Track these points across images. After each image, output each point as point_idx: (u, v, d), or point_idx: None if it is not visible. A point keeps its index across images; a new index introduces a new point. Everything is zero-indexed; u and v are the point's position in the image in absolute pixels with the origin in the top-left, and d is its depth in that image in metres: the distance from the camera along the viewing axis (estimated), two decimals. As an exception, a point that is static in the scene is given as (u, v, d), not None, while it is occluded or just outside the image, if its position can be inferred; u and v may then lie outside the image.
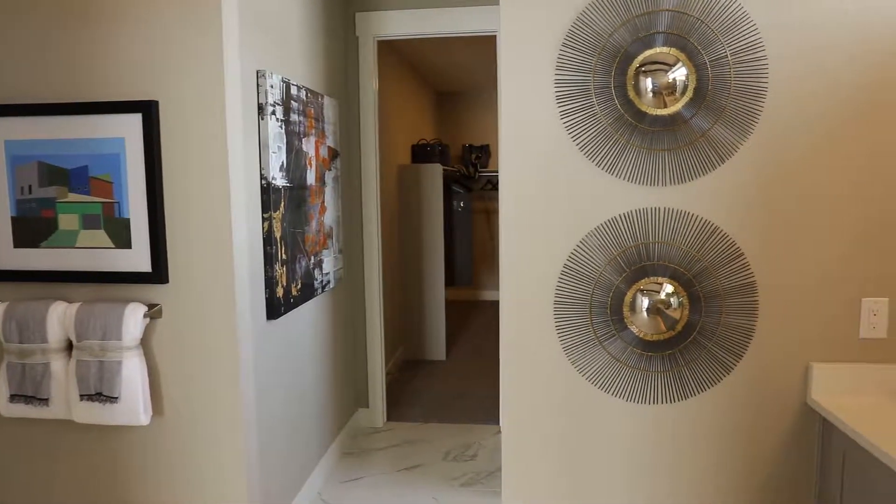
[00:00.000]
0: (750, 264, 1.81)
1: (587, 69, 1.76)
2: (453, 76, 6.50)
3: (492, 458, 3.39)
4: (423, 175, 5.04)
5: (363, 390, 3.83)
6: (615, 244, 1.84)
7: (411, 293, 5.17)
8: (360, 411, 3.83)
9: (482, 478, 3.15)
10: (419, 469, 3.25)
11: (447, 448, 3.51)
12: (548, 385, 1.91)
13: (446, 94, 7.61)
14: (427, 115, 6.75)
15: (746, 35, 1.72)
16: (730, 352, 1.84)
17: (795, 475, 1.87)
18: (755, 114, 1.75)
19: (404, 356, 5.25)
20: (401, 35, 3.52)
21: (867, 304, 1.79)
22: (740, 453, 1.88)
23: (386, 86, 4.66)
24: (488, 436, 3.69)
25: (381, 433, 3.74)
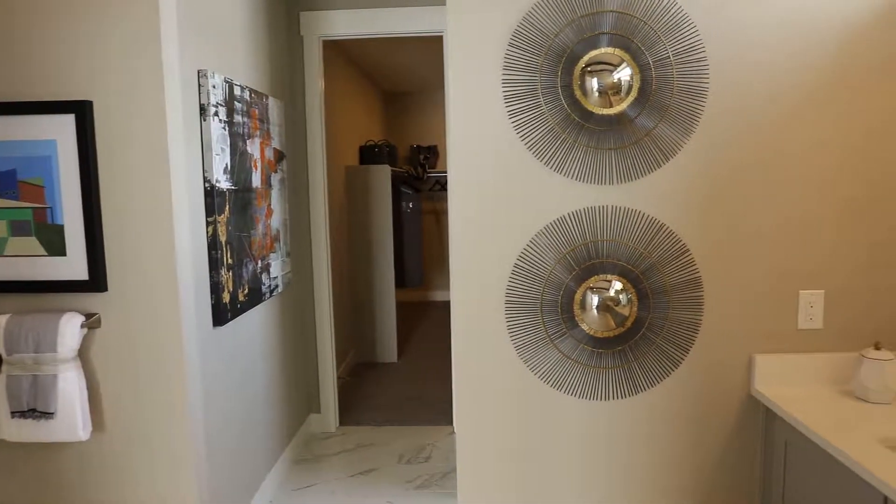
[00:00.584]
0: (695, 260, 1.85)
1: (534, 69, 1.77)
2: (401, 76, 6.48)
3: (446, 459, 3.38)
4: (372, 176, 5.00)
5: (315, 395, 3.77)
6: (565, 243, 1.85)
7: (361, 296, 5.12)
8: (312, 417, 3.77)
9: (437, 479, 3.14)
10: (373, 473, 3.21)
11: (401, 451, 3.48)
12: (501, 384, 1.91)
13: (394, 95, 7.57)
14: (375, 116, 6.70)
15: (687, 36, 1.76)
16: (677, 346, 1.88)
17: (741, 462, 1.92)
18: (697, 113, 1.79)
19: (356, 359, 5.20)
20: (346, 35, 3.48)
21: (804, 297, 1.86)
22: (690, 444, 1.92)
23: (332, 86, 4.60)
24: (442, 437, 3.68)
25: (334, 438, 3.68)
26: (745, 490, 1.93)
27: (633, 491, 1.94)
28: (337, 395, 3.85)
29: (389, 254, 5.06)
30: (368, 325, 5.15)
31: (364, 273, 5.10)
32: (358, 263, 5.09)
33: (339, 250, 4.71)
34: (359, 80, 5.82)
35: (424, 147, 7.44)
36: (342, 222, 4.84)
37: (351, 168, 5.02)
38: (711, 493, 1.94)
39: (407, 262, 6.17)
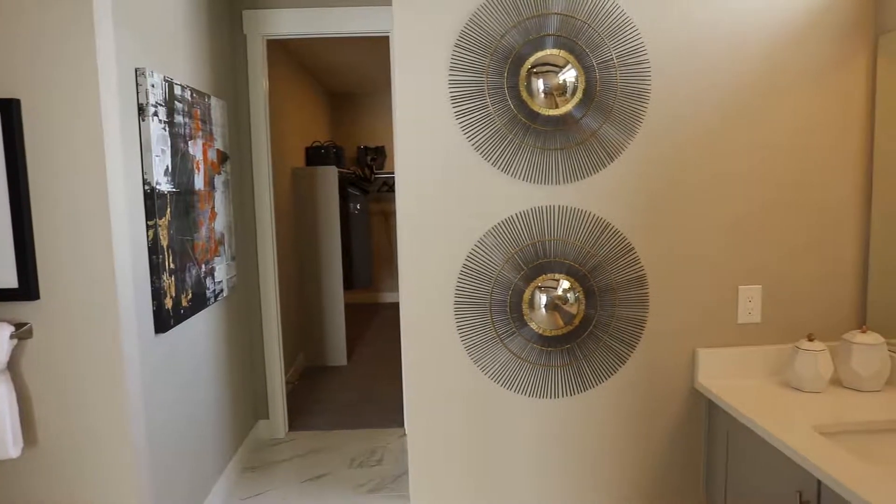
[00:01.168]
0: (640, 259, 1.89)
1: (481, 70, 1.78)
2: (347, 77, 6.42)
3: (398, 461, 3.36)
4: (319, 178, 4.94)
5: (263, 401, 3.70)
6: (513, 243, 1.87)
7: (309, 298, 5.05)
8: (261, 423, 3.69)
9: (389, 482, 3.12)
10: (325, 478, 3.17)
11: (353, 454, 3.45)
12: (451, 385, 1.91)
13: (340, 95, 7.50)
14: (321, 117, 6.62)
15: (630, 39, 1.80)
16: (624, 343, 1.92)
17: (686, 454, 1.98)
18: (640, 114, 1.83)
19: (304, 363, 5.12)
20: (291, 34, 3.43)
21: (744, 292, 1.93)
22: (637, 438, 1.96)
23: (277, 86, 4.53)
24: (394, 439, 3.66)
25: (284, 444, 3.62)
26: (691, 478, 1.99)
27: (586, 486, 1.97)
28: (286, 399, 3.78)
29: (337, 256, 5.01)
30: (317, 327, 5.09)
31: (312, 275, 5.03)
32: (305, 266, 5.02)
33: (286, 253, 4.63)
34: (304, 81, 5.74)
35: (372, 148, 7.39)
36: (289, 225, 4.77)
37: (297, 169, 4.94)
38: (660, 483, 1.98)
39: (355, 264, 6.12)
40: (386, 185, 7.53)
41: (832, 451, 1.41)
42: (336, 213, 4.97)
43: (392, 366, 5.08)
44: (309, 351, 5.12)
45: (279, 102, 4.59)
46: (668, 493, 1.99)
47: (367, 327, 6.41)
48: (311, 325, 5.08)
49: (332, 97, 7.46)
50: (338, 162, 5.50)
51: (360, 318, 6.84)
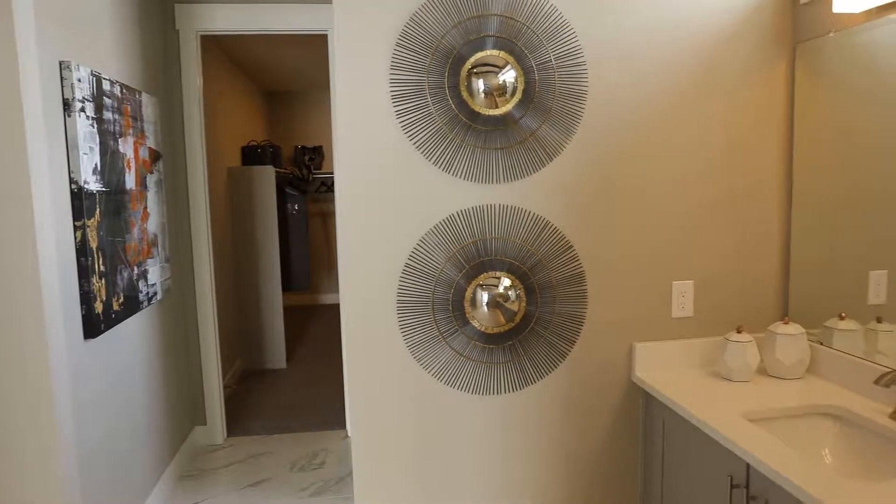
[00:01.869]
0: (579, 256, 1.94)
1: (421, 69, 1.79)
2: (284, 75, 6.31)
3: (341, 464, 3.33)
4: (255, 178, 4.84)
5: (200, 406, 3.60)
6: (454, 241, 1.88)
7: (247, 301, 4.94)
8: (198, 429, 3.59)
9: (332, 485, 3.09)
10: (266, 483, 3.11)
11: (294, 458, 3.40)
12: (395, 385, 1.91)
13: (277, 94, 7.37)
14: (257, 116, 6.49)
15: (568, 42, 1.85)
16: (564, 339, 1.97)
17: (625, 444, 2.04)
18: (578, 115, 1.88)
19: (243, 367, 5.01)
20: (225, 30, 3.35)
21: (677, 287, 2.00)
22: (578, 431, 2.01)
23: (212, 84, 4.41)
24: (336, 441, 3.63)
25: (223, 450, 3.53)
26: (630, 467, 2.05)
27: (529, 480, 2.00)
28: (224, 404, 3.69)
29: (275, 257, 4.92)
30: (255, 330, 4.98)
31: (249, 277, 4.92)
32: (243, 268, 4.91)
33: (223, 255, 4.52)
34: (240, 79, 5.61)
35: (309, 148, 7.29)
36: (225, 225, 4.65)
37: (233, 169, 4.83)
38: (600, 473, 2.04)
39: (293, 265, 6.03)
40: (324, 186, 7.45)
41: (759, 436, 1.48)
42: (273, 214, 4.88)
43: (332, 367, 5.03)
44: (247, 354, 5.01)
45: (214, 100, 4.47)
46: (608, 482, 2.04)
47: (306, 329, 6.32)
48: (249, 328, 4.98)
49: (268, 96, 7.32)
50: (275, 162, 5.40)
51: (298, 321, 6.74)
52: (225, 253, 4.59)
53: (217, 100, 4.60)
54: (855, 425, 1.63)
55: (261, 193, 4.85)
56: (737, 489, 1.49)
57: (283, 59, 5.50)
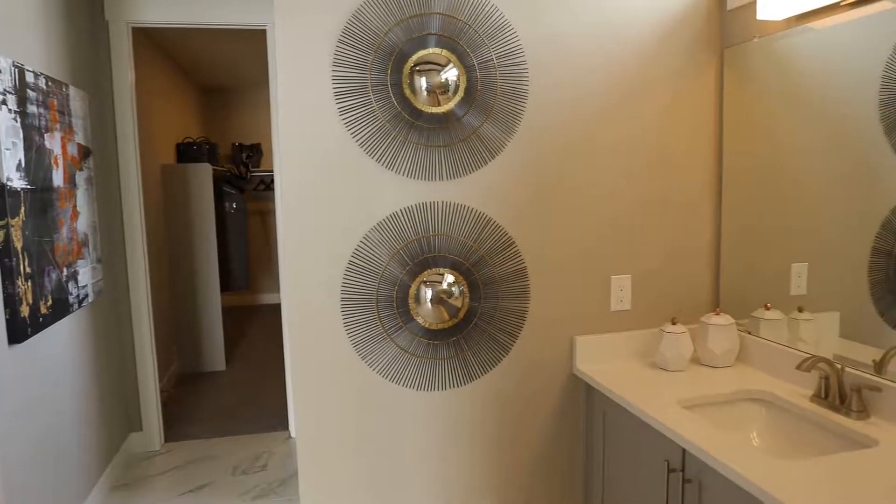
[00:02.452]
0: (520, 252, 1.98)
1: (364, 66, 1.78)
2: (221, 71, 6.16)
3: (284, 465, 3.29)
4: (192, 175, 4.71)
5: (135, 412, 3.48)
6: (398, 238, 1.88)
7: (184, 302, 4.81)
8: (133, 436, 3.48)
9: (275, 487, 3.05)
10: (206, 489, 3.04)
11: (235, 462, 3.33)
12: (340, 383, 1.90)
13: (213, 90, 7.18)
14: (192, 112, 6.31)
15: (509, 41, 1.88)
16: (507, 333, 2.00)
17: (567, 435, 2.09)
18: (519, 113, 1.91)
19: (180, 370, 4.87)
20: (158, 23, 3.25)
21: (615, 282, 2.06)
22: (522, 424, 2.05)
23: (144, 78, 4.26)
24: (279, 443, 3.58)
25: (160, 456, 3.43)
26: (572, 457, 2.10)
27: (475, 474, 2.03)
28: (161, 409, 3.58)
29: (213, 256, 4.81)
30: (192, 332, 4.85)
31: (186, 278, 4.79)
32: (179, 268, 4.78)
33: (158, 254, 4.38)
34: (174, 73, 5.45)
35: (247, 145, 7.14)
36: (160, 225, 4.51)
37: (168, 167, 4.69)
38: (544, 464, 2.08)
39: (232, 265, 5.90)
40: (263, 184, 7.31)
41: (693, 422, 1.55)
42: (211, 213, 4.76)
43: (273, 368, 4.95)
44: (184, 357, 4.87)
45: (147, 95, 4.33)
46: (552, 473, 2.09)
47: (246, 330, 6.19)
48: (186, 330, 4.84)
49: (204, 92, 7.13)
50: (211, 159, 5.27)
51: (238, 321, 6.60)
52: (160, 253, 4.45)
53: (150, 95, 4.45)
54: (780, 409, 1.72)
55: (197, 191, 4.72)
56: (673, 473, 1.56)
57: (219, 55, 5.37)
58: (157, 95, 4.69)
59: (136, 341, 3.42)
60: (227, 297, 7.38)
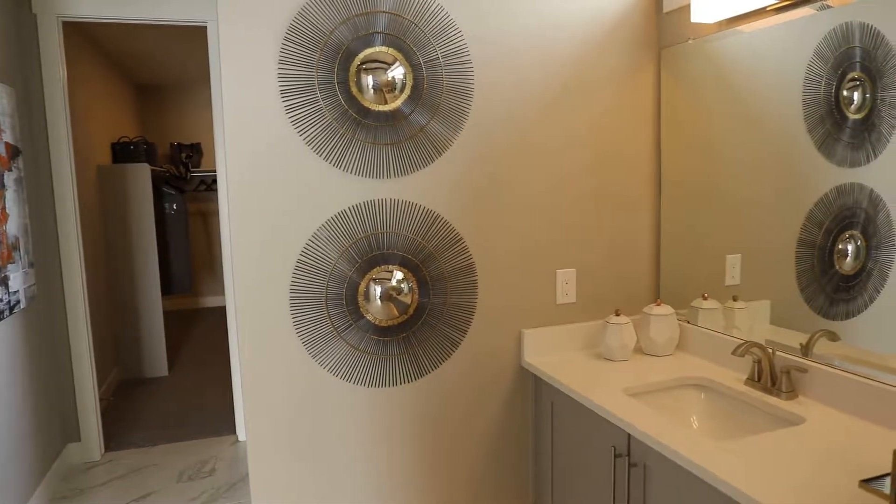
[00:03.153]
0: (468, 247, 2.01)
1: (311, 64, 1.78)
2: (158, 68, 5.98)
3: (231, 470, 3.24)
4: (129, 176, 4.57)
5: (73, 422, 3.36)
6: (346, 236, 1.89)
7: (124, 306, 4.66)
8: (71, 446, 3.35)
9: (223, 492, 3.00)
10: (151, 497, 2.96)
11: (181, 468, 3.26)
12: (290, 382, 1.89)
13: (150, 88, 6.97)
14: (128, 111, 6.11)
15: (454, 40, 1.90)
16: (456, 328, 2.03)
17: (517, 426, 2.13)
18: (465, 111, 1.94)
19: (120, 377, 4.72)
20: (91, 17, 3.14)
21: (560, 275, 2.12)
22: (472, 417, 2.08)
23: (77, 75, 4.11)
24: (225, 447, 3.51)
25: (100, 466, 3.32)
26: (522, 448, 2.15)
27: (428, 467, 2.05)
28: (100, 418, 3.46)
29: (153, 259, 4.68)
30: (133, 337, 4.71)
31: (125, 281, 4.64)
32: (118, 271, 4.62)
33: (95, 258, 4.23)
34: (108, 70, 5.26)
35: (186, 145, 6.96)
36: (97, 227, 4.35)
37: (104, 167, 4.53)
38: (493, 456, 2.12)
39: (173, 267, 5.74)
40: (203, 184, 7.14)
41: (637, 408, 1.61)
42: (150, 214, 4.63)
43: (218, 372, 4.85)
44: (125, 363, 4.72)
45: (80, 92, 4.17)
46: (502, 466, 2.13)
47: (189, 334, 6.04)
48: (126, 335, 4.69)
49: (140, 90, 6.91)
50: (149, 159, 5.12)
51: (180, 325, 6.43)
52: (97, 256, 4.30)
53: (84, 92, 4.30)
54: (717, 393, 1.81)
55: (136, 192, 4.58)
56: (619, 458, 1.62)
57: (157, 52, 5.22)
58: (90, 93, 4.52)
59: (72, 348, 3.30)
60: (169, 301, 7.18)
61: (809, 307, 1.72)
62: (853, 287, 1.61)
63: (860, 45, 1.54)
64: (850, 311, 1.62)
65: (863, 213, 1.58)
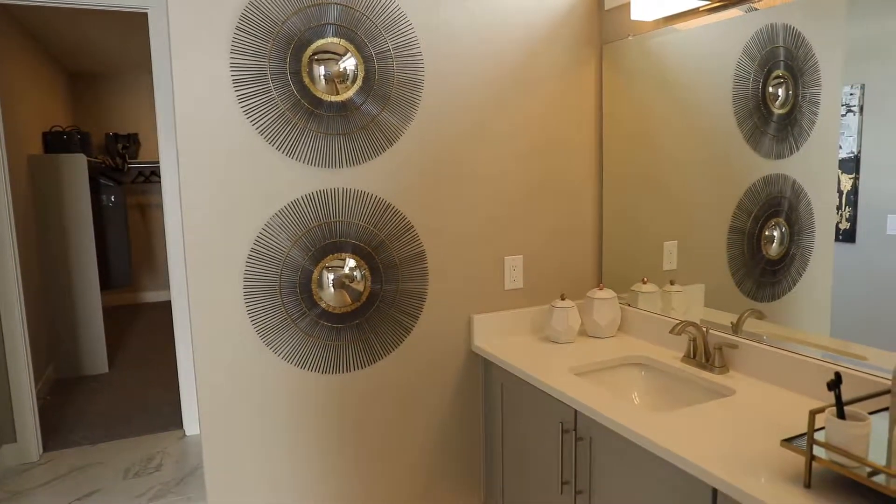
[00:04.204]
0: (419, 236, 2.06)
1: (263, 54, 1.79)
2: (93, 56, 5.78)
3: (179, 464, 3.20)
4: (64, 167, 4.42)
5: (7, 422, 3.25)
6: (300, 225, 1.91)
7: (60, 302, 4.51)
8: (7, 448, 3.25)
9: (172, 487, 2.97)
10: (96, 496, 2.90)
11: (126, 465, 3.20)
12: (245, 372, 1.90)
13: (83, 76, 6.72)
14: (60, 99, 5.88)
15: (405, 33, 1.94)
16: (408, 315, 2.08)
17: (468, 409, 2.20)
18: (415, 102, 1.99)
19: (57, 375, 4.58)
20: (22, 2, 3.02)
21: (508, 262, 2.20)
22: (424, 401, 2.14)
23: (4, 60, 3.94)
24: (173, 442, 3.47)
25: (39, 467, 3.22)
26: (473, 428, 2.22)
27: (380, 451, 2.09)
28: (38, 417, 3.36)
29: (91, 252, 4.54)
30: (70, 334, 4.57)
31: (62, 275, 4.49)
32: (54, 265, 4.47)
33: (29, 252, 4.08)
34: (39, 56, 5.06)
35: (123, 135, 6.75)
36: (30, 219, 4.20)
37: (36, 157, 4.37)
38: (447, 437, 2.18)
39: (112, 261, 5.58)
40: (142, 176, 6.94)
41: (583, 386, 1.70)
42: (87, 207, 4.49)
43: (162, 368, 4.76)
44: (62, 361, 4.58)
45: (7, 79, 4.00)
46: (453, 448, 2.20)
47: (129, 330, 5.88)
48: (63, 332, 4.55)
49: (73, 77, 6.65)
50: (84, 149, 4.96)
51: (120, 321, 6.25)
52: (31, 250, 4.15)
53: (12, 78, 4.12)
54: (656, 370, 1.92)
55: (71, 184, 4.43)
56: (567, 433, 1.70)
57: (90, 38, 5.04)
58: (19, 79, 4.34)
59: (6, 345, 3.19)
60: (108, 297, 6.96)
61: (739, 290, 1.85)
62: (778, 271, 1.74)
63: (784, 45, 1.66)
64: (775, 294, 1.75)
65: (787, 202, 1.71)
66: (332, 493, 2.04)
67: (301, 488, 2.00)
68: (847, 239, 1.57)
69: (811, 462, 1.14)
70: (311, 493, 2.02)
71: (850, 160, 1.55)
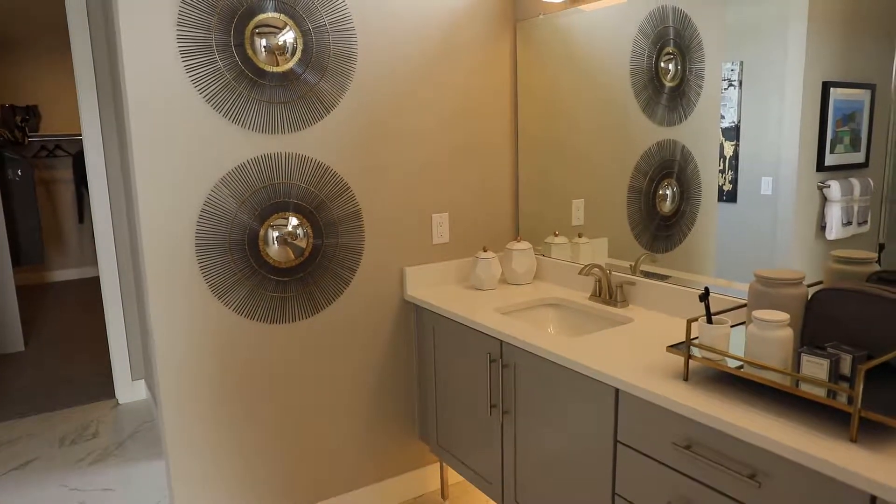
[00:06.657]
0: (356, 196, 2.25)
1: (208, 27, 1.91)
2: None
3: (116, 430, 3.27)
4: (-31, 139, 4.24)
5: (-67, 397, 3.19)
6: (246, 187, 2.05)
7: (-30, 280, 4.37)
8: (-68, 422, 3.19)
9: (113, 450, 3.05)
10: (33, 464, 2.94)
11: (60, 435, 3.24)
12: (200, 327, 2.03)
13: (-27, 44, 6.33)
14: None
15: (339, 9, 2.11)
16: (347, 268, 2.27)
17: (402, 351, 2.44)
18: (350, 73, 2.16)
19: (-29, 355, 4.44)
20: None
21: (435, 219, 2.43)
22: (363, 347, 2.35)
23: None
24: (106, 411, 3.51)
25: (-31, 440, 3.20)
26: (408, 369, 2.46)
27: (325, 393, 2.29)
28: (-37, 392, 3.32)
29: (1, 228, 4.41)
30: (-16, 312, 4.43)
31: (-29, 253, 4.34)
32: (-40, 243, 4.31)
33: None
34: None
35: (21, 107, 6.44)
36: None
37: (-63, 129, 4.17)
38: (383, 380, 2.41)
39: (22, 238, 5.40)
40: (45, 150, 6.66)
41: (507, 322, 1.96)
42: (-4, 180, 4.34)
43: (86, 344, 4.71)
44: (-25, 340, 4.44)
45: None
46: (389, 389, 2.43)
47: (43, 308, 5.72)
48: (-25, 310, 4.41)
49: (-39, 45, 6.26)
50: (-14, 122, 4.75)
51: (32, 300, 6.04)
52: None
53: None
54: (568, 308, 2.22)
55: (-23, 157, 4.27)
56: (494, 363, 1.97)
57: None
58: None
59: (-73, 320, 3.13)
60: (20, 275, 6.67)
61: (638, 242, 2.15)
62: (671, 226, 2.04)
63: (673, 25, 1.95)
64: (669, 246, 2.05)
65: (677, 165, 2.00)
66: (281, 436, 2.23)
67: (261, 438, 2.17)
68: (730, 199, 1.83)
69: (688, 360, 1.45)
70: (264, 434, 2.19)
71: (732, 129, 1.82)
